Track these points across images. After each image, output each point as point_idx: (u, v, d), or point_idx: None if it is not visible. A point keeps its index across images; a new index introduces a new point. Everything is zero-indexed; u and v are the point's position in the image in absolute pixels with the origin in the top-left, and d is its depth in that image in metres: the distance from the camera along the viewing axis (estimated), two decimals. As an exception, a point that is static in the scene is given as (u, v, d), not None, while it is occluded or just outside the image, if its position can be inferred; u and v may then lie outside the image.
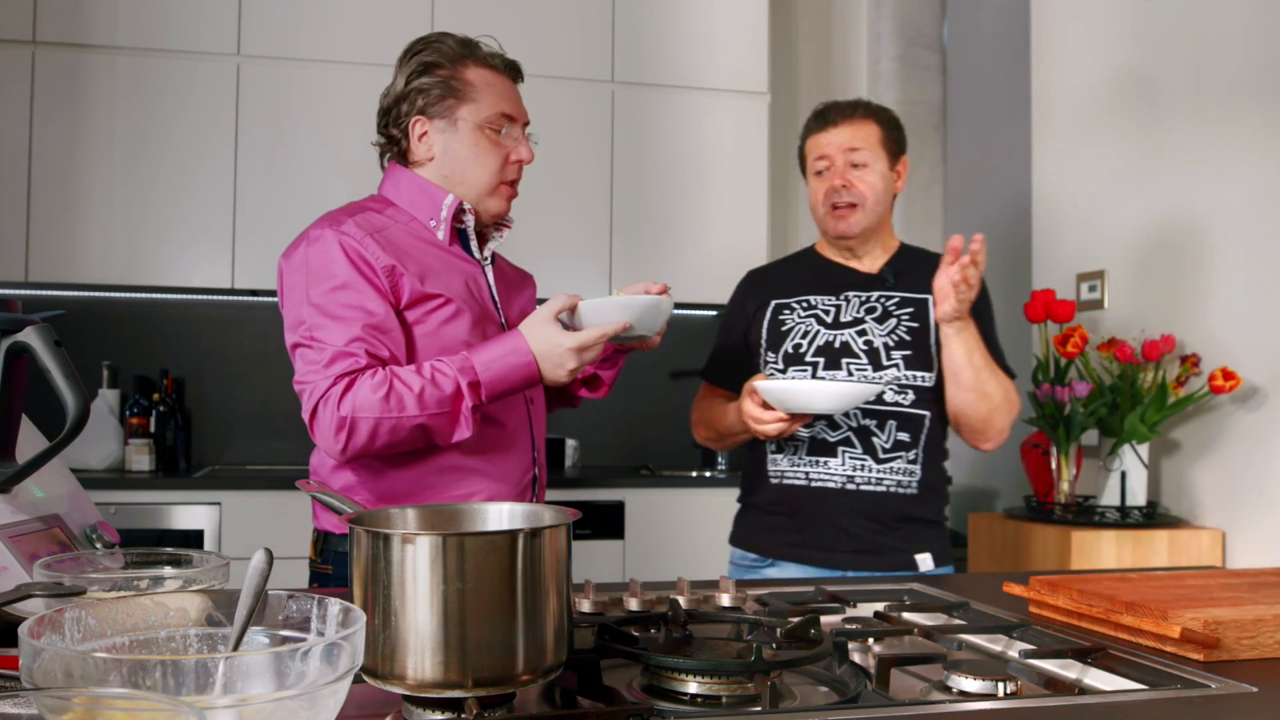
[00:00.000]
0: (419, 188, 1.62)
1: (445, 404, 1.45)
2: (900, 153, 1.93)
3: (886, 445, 1.83)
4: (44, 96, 3.12)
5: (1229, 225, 2.56)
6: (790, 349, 1.90)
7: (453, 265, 1.60)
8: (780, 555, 1.87)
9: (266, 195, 3.23)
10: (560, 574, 0.87)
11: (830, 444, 1.84)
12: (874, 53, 4.09)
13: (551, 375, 1.49)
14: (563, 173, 3.44)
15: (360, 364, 1.46)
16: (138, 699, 0.56)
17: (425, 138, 1.61)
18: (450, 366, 1.46)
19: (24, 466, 1.16)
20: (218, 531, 2.93)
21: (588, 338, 1.47)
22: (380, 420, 1.44)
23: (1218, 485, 2.59)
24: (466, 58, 1.61)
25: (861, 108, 1.93)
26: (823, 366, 1.86)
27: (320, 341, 1.48)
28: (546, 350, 1.47)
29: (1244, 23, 2.53)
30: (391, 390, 1.44)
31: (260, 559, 0.75)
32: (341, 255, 1.50)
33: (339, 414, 1.44)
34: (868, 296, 1.90)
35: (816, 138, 1.93)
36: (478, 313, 1.59)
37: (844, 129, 1.89)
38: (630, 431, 3.79)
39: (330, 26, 3.30)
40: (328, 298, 1.49)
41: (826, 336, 1.88)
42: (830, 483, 1.84)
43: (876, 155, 1.88)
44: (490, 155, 1.61)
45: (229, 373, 3.53)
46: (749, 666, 0.91)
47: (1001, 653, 1.15)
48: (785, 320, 1.93)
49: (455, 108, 1.59)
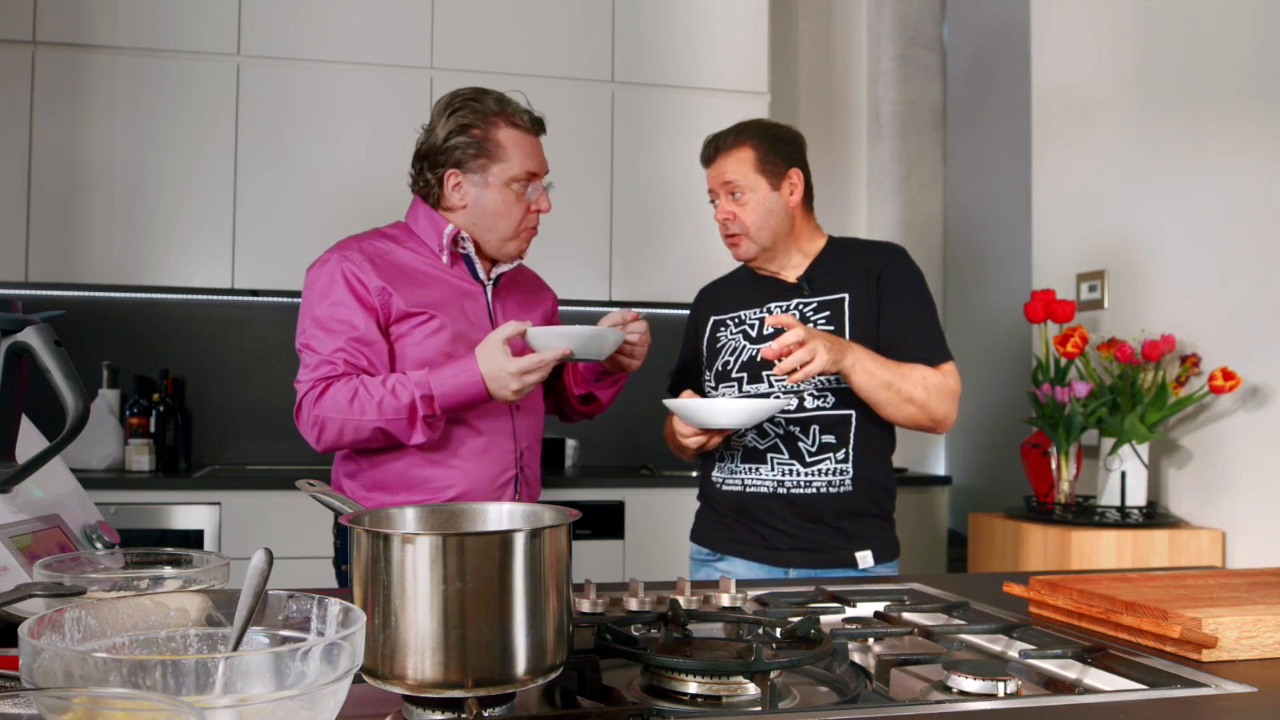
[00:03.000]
0: (429, 219, 1.84)
1: (401, 412, 1.68)
2: (787, 167, 1.93)
3: (812, 449, 1.88)
4: (44, 96, 3.12)
5: (1229, 225, 2.56)
6: (720, 367, 1.99)
7: (448, 285, 1.81)
8: (728, 551, 1.96)
9: (266, 195, 3.23)
10: (560, 574, 0.87)
11: (760, 451, 1.91)
12: (874, 53, 4.10)
13: (499, 394, 1.68)
14: (563, 173, 3.41)
15: (337, 371, 1.70)
16: (138, 699, 0.56)
17: (459, 188, 1.81)
18: (409, 381, 1.68)
19: (24, 466, 1.16)
20: (218, 531, 2.93)
21: (526, 363, 1.65)
22: (346, 421, 1.68)
23: (1218, 485, 2.59)
24: (498, 117, 1.80)
25: (734, 134, 1.95)
26: (746, 381, 1.94)
27: (311, 349, 1.73)
28: (492, 372, 1.66)
29: (1244, 23, 2.53)
30: (356, 397, 1.68)
31: (260, 559, 0.75)
32: (340, 278, 1.74)
33: (314, 412, 1.70)
34: (788, 305, 1.95)
35: (707, 171, 1.98)
36: (462, 328, 1.78)
37: (720, 163, 1.94)
38: (630, 431, 3.79)
39: (330, 26, 3.29)
40: (323, 312, 1.73)
41: (750, 351, 1.95)
42: (763, 488, 1.91)
43: (754, 181, 1.90)
44: (515, 208, 1.81)
45: (229, 373, 3.53)
46: (749, 666, 0.91)
47: (1001, 653, 1.15)
48: (720, 337, 2.02)
49: (488, 166, 1.79)
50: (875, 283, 1.91)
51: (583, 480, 3.22)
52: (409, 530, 0.97)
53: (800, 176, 1.95)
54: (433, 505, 1.01)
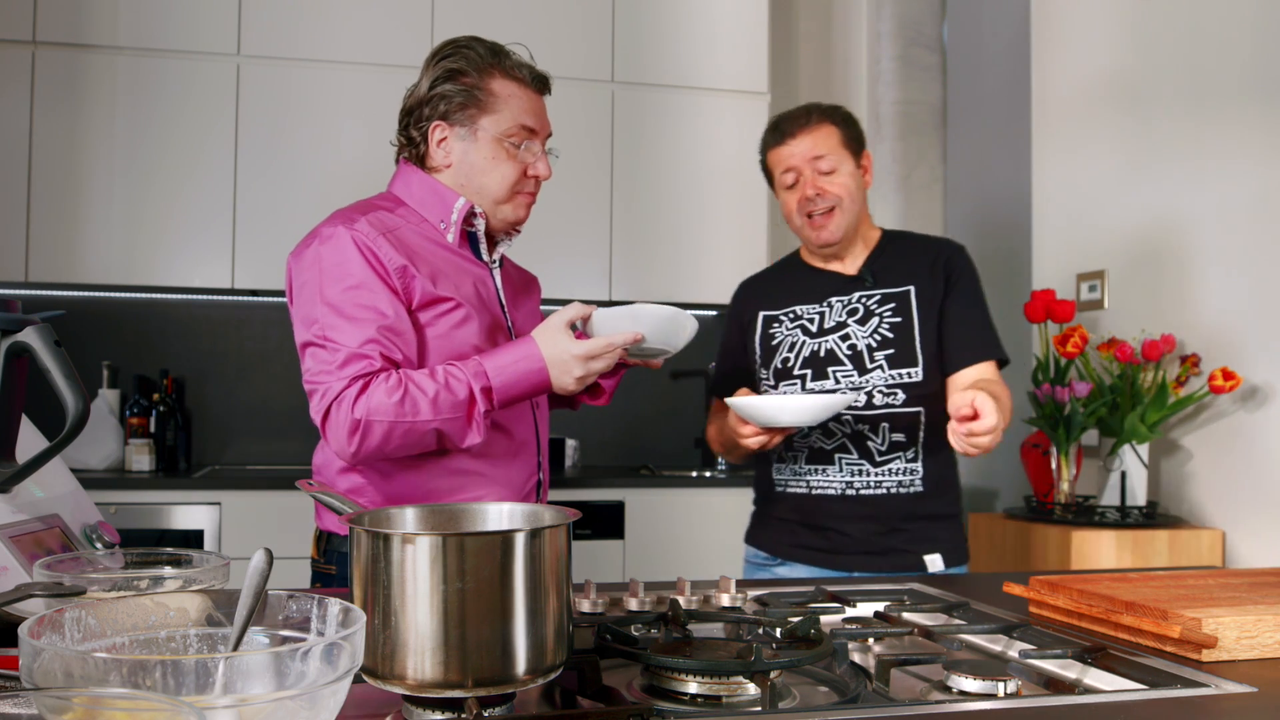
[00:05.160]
0: (430, 189, 1.61)
1: (459, 408, 1.45)
2: (861, 148, 1.91)
3: (882, 448, 1.82)
4: (44, 96, 3.12)
5: (1229, 225, 2.56)
6: (779, 364, 1.91)
7: (462, 268, 1.60)
8: (789, 556, 1.89)
9: (266, 195, 3.23)
10: (560, 574, 0.87)
11: (827, 451, 1.85)
12: (874, 53, 4.09)
13: (560, 382, 1.49)
14: (563, 173, 3.42)
15: (375, 366, 1.45)
16: (138, 699, 0.56)
17: (444, 143, 1.60)
18: (464, 371, 1.47)
19: (24, 466, 1.16)
20: (218, 531, 2.93)
21: (594, 346, 1.47)
22: (395, 424, 1.43)
23: (1218, 485, 2.59)
24: (494, 67, 1.59)
25: (812, 112, 1.90)
26: (810, 378, 1.86)
27: (334, 342, 1.47)
28: (555, 357, 1.47)
29: (1243, 23, 2.53)
30: (406, 394, 1.43)
31: (260, 559, 0.75)
32: (356, 254, 1.49)
33: (353, 416, 1.43)
34: (849, 299, 1.89)
35: (777, 151, 1.90)
36: (486, 317, 1.59)
37: (803, 139, 1.86)
38: (630, 431, 3.79)
39: (330, 26, 3.29)
40: (342, 297, 1.48)
41: (812, 346, 1.88)
42: (830, 490, 1.84)
43: (841, 157, 1.86)
44: (507, 167, 1.60)
45: (229, 373, 3.53)
46: (749, 666, 0.91)
47: (1001, 653, 1.15)
48: (774, 334, 1.94)
49: (477, 117, 1.58)
50: (941, 277, 1.86)
51: (583, 480, 3.22)
52: (409, 530, 0.97)
53: (871, 160, 1.92)
54: (433, 505, 1.01)
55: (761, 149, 1.96)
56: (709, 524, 3.22)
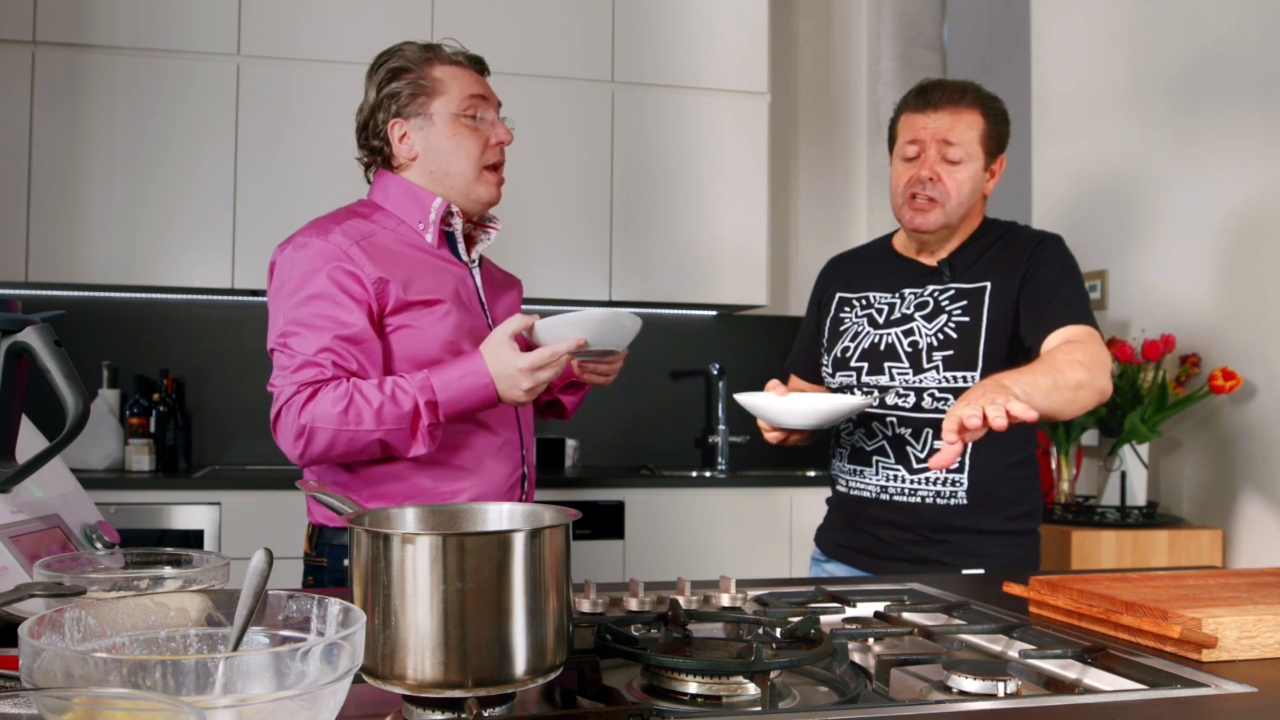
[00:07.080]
0: (406, 192, 1.66)
1: (403, 420, 1.50)
2: (999, 151, 1.77)
3: (921, 455, 1.73)
4: (44, 96, 3.12)
5: (1229, 225, 2.56)
6: (839, 353, 1.84)
7: (441, 268, 1.64)
8: (833, 554, 1.88)
9: (266, 195, 3.23)
10: (560, 574, 0.87)
11: (866, 453, 1.79)
12: (874, 53, 4.09)
13: (508, 395, 1.52)
14: (563, 173, 3.44)
15: (325, 374, 1.50)
16: (138, 699, 0.56)
17: (405, 139, 1.65)
18: (411, 384, 1.51)
19: (24, 466, 1.16)
20: (218, 531, 2.93)
21: (538, 358, 1.50)
22: (339, 432, 1.48)
23: (1218, 485, 2.59)
24: (431, 58, 1.66)
25: (970, 93, 1.75)
26: (866, 372, 1.80)
27: (291, 349, 1.53)
28: (501, 370, 1.51)
29: (1243, 22, 2.53)
30: (351, 404, 1.48)
31: (260, 559, 0.75)
32: (324, 265, 1.54)
33: (299, 421, 1.49)
34: (922, 291, 1.79)
35: (912, 117, 1.76)
36: (466, 316, 1.63)
37: (944, 115, 1.72)
38: (630, 431, 3.79)
39: (330, 26, 3.29)
40: (303, 307, 1.53)
41: (873, 338, 1.80)
42: (866, 492, 1.80)
43: (972, 152, 1.72)
44: (470, 141, 1.64)
45: (229, 373, 3.53)
46: (749, 666, 0.91)
47: (1001, 653, 1.15)
48: (843, 319, 1.87)
49: (428, 104, 1.64)
50: (1021, 272, 1.72)
51: (583, 480, 3.22)
52: (409, 530, 0.97)
53: (1003, 166, 1.77)
54: (433, 505, 1.01)
55: (897, 109, 1.82)
56: (709, 524, 3.22)
